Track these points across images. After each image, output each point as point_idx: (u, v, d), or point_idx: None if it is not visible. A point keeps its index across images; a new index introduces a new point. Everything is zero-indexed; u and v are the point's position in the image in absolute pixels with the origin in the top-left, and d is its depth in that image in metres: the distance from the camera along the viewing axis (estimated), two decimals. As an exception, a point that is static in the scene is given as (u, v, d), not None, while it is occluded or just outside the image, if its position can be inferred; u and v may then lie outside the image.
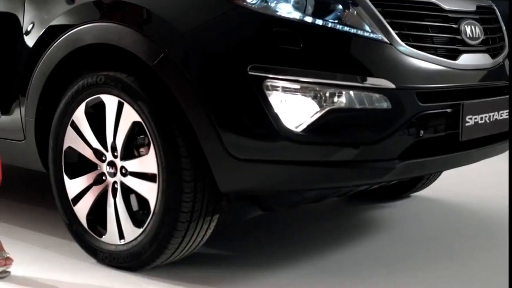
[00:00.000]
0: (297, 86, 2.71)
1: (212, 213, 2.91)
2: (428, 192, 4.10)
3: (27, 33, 3.22)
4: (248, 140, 2.74)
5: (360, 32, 2.77)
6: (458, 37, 3.01)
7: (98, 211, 3.07)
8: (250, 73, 2.69)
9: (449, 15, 3.02)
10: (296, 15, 2.73)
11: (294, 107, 2.71)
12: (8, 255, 2.94)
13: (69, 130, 3.10)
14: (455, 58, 2.97)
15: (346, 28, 2.76)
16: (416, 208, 3.87)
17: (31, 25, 3.22)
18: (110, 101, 2.96)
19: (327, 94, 2.71)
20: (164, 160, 2.82)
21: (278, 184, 2.80)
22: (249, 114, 2.72)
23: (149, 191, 2.89)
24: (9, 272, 2.95)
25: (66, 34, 3.06)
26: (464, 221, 3.69)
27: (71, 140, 3.10)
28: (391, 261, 3.13)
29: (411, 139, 2.80)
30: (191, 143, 2.80)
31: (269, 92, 2.70)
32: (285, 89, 2.71)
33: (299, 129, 2.70)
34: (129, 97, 2.89)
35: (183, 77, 2.76)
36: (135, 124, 2.91)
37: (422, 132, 2.80)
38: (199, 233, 2.92)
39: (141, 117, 2.87)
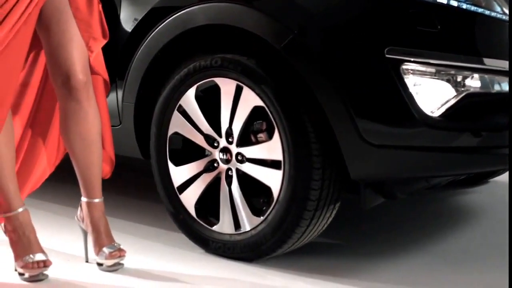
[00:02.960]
0: (433, 69, 2.62)
1: (335, 202, 2.81)
2: (503, 178, 4.05)
3: (125, 15, 3.08)
4: (384, 126, 2.64)
5: (493, 14, 2.69)
6: None
7: (206, 199, 2.96)
8: (388, 56, 2.59)
9: None
10: (430, -5, 2.65)
11: (431, 92, 2.62)
12: (120, 246, 2.82)
13: (176, 115, 2.96)
14: None
15: (480, 10, 2.68)
16: (502, 194, 3.82)
17: (130, 7, 3.07)
18: (227, 85, 2.83)
19: (464, 78, 2.63)
20: (291, 146, 2.71)
21: (410, 170, 2.71)
22: (386, 99, 2.62)
23: (272, 178, 2.78)
24: (122, 264, 2.82)
25: (174, 16, 2.91)
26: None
27: (177, 125, 2.97)
28: (498, 249, 3.06)
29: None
30: (320, 128, 2.71)
31: (406, 76, 2.60)
32: (422, 73, 2.62)
33: (436, 114, 2.62)
34: (250, 80, 2.77)
35: (315, 60, 2.65)
36: (254, 109, 2.80)
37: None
38: (322, 221, 2.82)
39: (264, 101, 2.75)
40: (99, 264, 2.81)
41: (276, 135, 2.75)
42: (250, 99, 2.79)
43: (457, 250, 3.04)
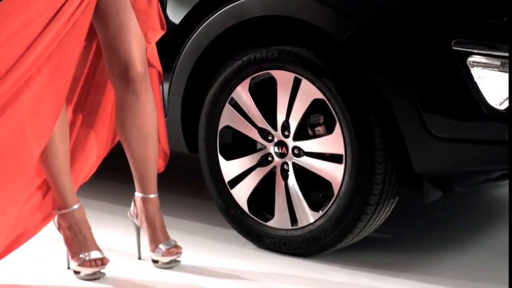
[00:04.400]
0: (499, 62, 2.59)
1: (395, 196, 2.77)
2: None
3: (173, 6, 3.00)
4: (451, 119, 2.61)
5: (557, 6, 2.68)
6: None
7: (259, 194, 2.91)
8: (455, 48, 2.56)
9: None
10: (496, -14, 2.62)
11: (497, 84, 2.59)
12: (176, 243, 2.75)
13: (227, 108, 2.90)
14: None
15: (545, 1, 2.67)
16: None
17: (178, -1, 3.01)
18: (284, 78, 2.78)
19: (527, 70, 2.62)
20: (354, 140, 2.67)
21: (475, 164, 2.68)
22: (453, 92, 2.59)
23: (332, 172, 2.73)
24: (178, 261, 2.76)
25: (228, 7, 2.85)
26: None
27: (229, 118, 2.91)
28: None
29: None
30: (383, 121, 2.67)
31: (473, 68, 2.58)
32: (488, 65, 2.59)
33: (502, 107, 2.59)
34: (310, 73, 2.72)
35: (379, 52, 2.62)
36: (313, 102, 2.75)
37: None
38: (381, 216, 2.78)
39: (324, 94, 2.71)
40: (155, 261, 2.74)
41: (337, 128, 2.71)
42: (310, 92, 2.74)
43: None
